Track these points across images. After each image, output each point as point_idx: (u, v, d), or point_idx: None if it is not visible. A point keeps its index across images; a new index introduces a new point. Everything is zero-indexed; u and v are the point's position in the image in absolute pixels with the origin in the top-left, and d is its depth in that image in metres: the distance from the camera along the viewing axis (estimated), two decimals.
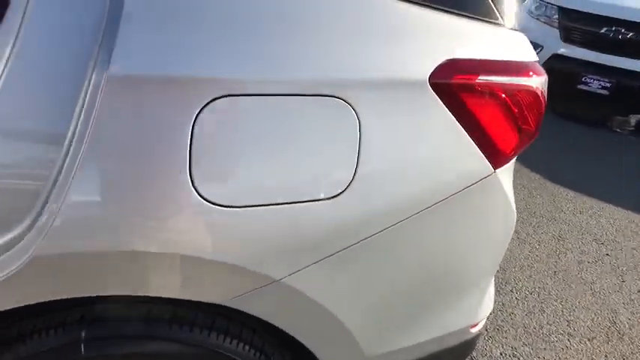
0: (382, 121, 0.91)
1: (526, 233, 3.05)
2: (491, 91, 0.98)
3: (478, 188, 1.02)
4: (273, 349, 1.07)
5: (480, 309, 1.24)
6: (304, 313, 1.00)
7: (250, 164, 0.84)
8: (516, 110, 1.01)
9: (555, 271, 2.69)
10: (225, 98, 0.80)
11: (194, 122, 0.80)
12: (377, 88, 0.90)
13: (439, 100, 0.93)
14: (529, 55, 1.07)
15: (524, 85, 1.01)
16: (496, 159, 1.02)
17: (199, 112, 0.80)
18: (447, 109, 0.94)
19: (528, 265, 2.71)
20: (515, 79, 1.00)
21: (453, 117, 0.95)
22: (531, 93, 1.03)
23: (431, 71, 0.92)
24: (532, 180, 3.69)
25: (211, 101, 0.80)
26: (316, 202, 0.89)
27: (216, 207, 0.83)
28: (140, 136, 0.79)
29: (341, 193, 0.90)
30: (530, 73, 1.02)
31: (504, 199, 1.10)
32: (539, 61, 1.10)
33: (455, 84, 0.94)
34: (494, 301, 1.44)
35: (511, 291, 2.48)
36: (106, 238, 0.82)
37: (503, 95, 0.99)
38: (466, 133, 0.96)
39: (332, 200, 0.90)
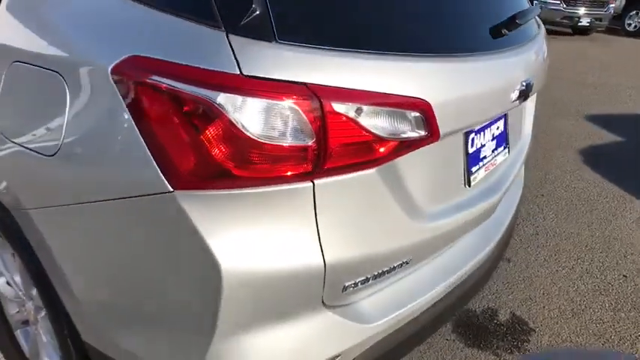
0: (82, 100, 0.97)
1: None
2: (167, 95, 0.85)
3: (148, 204, 0.90)
4: None
5: None
6: (44, 249, 1.13)
7: None
8: (197, 126, 0.84)
9: None
10: None
11: None
12: (80, 69, 0.98)
13: (118, 92, 0.89)
14: (251, 67, 0.83)
15: (202, 98, 0.83)
16: (172, 176, 0.87)
17: None
18: (123, 103, 0.89)
19: None
20: (195, 89, 0.83)
21: (129, 113, 0.89)
22: (211, 109, 0.83)
23: (114, 63, 0.90)
24: None
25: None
26: (42, 156, 1.05)
27: None
28: None
29: (54, 154, 1.02)
30: (216, 85, 0.82)
31: (188, 232, 0.88)
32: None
33: (130, 79, 0.88)
34: None
35: None
36: None
37: (179, 104, 0.84)
38: (139, 134, 0.88)
39: (50, 158, 1.03)
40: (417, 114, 0.99)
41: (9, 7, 1.16)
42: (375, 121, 0.93)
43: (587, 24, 11.44)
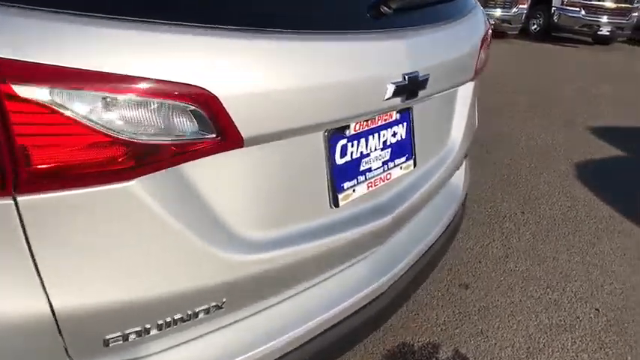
0: None
1: None
2: None
3: None
4: None
5: None
6: None
7: None
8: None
9: None
10: None
11: None
12: None
13: None
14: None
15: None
16: None
17: None
18: None
19: None
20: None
21: None
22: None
23: None
24: None
25: None
26: None
27: None
28: None
29: None
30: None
31: None
32: None
33: None
34: None
35: None
36: None
37: None
38: None
39: None
40: (194, 109, 0.71)
41: None
42: (113, 116, 0.65)
43: (608, 33, 10.84)
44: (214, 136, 0.73)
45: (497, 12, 10.29)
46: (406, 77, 0.99)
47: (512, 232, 2.79)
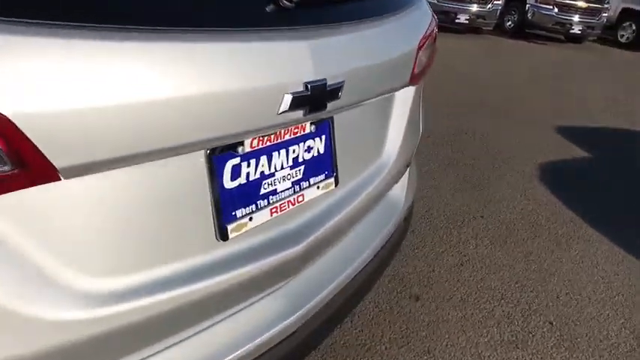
0: None
1: None
2: None
3: None
4: None
5: None
6: None
7: None
8: None
9: None
10: None
11: None
12: None
13: None
14: None
15: None
16: None
17: None
18: None
19: None
20: None
21: None
22: None
23: None
24: None
25: None
26: None
27: None
28: None
29: None
30: None
31: None
32: None
33: None
34: None
35: None
36: None
37: None
38: None
39: None
40: None
41: None
42: None
43: (579, 32, 10.88)
44: (9, 167, 0.54)
45: (473, 7, 10.21)
46: (309, 86, 0.81)
47: (470, 238, 2.66)
